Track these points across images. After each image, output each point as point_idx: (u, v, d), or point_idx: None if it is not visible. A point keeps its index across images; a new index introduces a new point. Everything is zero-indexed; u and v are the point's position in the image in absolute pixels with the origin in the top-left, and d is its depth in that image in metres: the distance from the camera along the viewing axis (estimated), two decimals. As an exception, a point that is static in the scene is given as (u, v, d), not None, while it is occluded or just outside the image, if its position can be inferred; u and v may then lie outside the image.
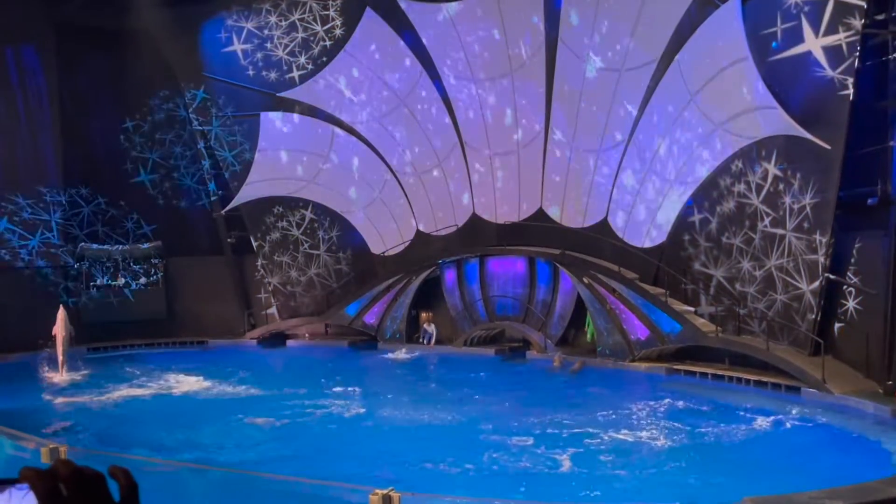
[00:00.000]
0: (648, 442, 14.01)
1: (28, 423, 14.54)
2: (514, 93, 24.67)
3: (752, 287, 18.82)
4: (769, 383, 17.36)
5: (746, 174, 18.65)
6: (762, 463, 12.76)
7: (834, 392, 15.76)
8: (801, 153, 16.95)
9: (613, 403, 17.14)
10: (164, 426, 15.80)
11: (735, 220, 19.20)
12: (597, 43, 22.19)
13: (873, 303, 16.11)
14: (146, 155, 28.15)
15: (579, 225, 23.77)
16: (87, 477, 1.14)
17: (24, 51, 26.00)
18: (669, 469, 12.45)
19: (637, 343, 20.56)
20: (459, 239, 26.50)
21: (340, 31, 26.36)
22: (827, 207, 16.61)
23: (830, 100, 16.14)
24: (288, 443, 14.68)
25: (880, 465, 12.14)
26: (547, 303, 24.08)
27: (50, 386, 20.64)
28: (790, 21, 16.81)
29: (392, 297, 25.74)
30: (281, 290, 27.88)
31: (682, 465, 12.64)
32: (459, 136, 26.15)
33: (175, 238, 27.97)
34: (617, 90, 22.06)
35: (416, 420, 16.11)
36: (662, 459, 12.98)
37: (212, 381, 20.63)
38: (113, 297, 27.13)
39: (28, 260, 26.14)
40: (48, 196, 26.49)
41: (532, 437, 14.21)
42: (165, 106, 27.98)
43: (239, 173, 27.39)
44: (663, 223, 21.43)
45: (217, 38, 26.73)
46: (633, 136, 21.93)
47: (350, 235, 28.14)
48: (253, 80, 26.88)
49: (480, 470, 12.56)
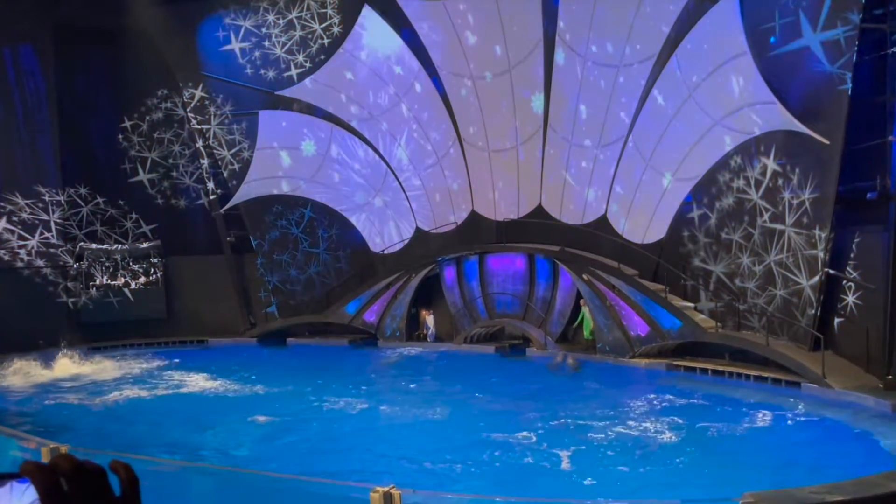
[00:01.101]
0: (649, 438, 14.02)
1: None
2: (512, 89, 24.65)
3: (752, 282, 18.82)
4: (769, 378, 17.37)
5: (745, 169, 18.65)
6: (762, 458, 12.77)
7: (834, 387, 15.77)
8: (800, 148, 16.95)
9: (614, 399, 17.15)
10: (171, 424, 15.81)
11: (734, 216, 19.20)
12: (595, 39, 22.17)
13: (873, 298, 16.12)
14: (145, 154, 28.14)
15: (578, 221, 23.77)
16: (88, 471, 1.14)
17: (21, 50, 25.97)
18: (670, 465, 12.46)
19: (637, 339, 20.57)
20: (459, 236, 26.51)
21: (338, 29, 26.35)
22: (826, 202, 16.61)
23: (829, 95, 16.13)
24: (288, 440, 14.68)
25: (881, 459, 12.15)
26: (547, 300, 24.08)
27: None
28: (788, 16, 16.81)
29: (392, 295, 25.73)
30: (280, 289, 27.87)
31: (682, 460, 12.65)
32: (458, 133, 26.14)
33: (174, 237, 27.97)
34: (615, 86, 22.05)
35: (417, 417, 16.12)
36: (663, 455, 12.99)
37: (219, 379, 20.66)
38: (112, 296, 27.12)
39: (27, 260, 26.13)
40: (47, 196, 26.48)
41: (533, 433, 14.23)
42: (164, 105, 27.96)
43: (238, 172, 27.37)
44: (662, 219, 21.42)
45: (215, 36, 26.70)
46: (632, 131, 21.92)
47: (349, 234, 28.15)
48: (251, 78, 26.86)
49: (482, 467, 12.58)
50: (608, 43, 21.91)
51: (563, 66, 23.26)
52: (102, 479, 1.15)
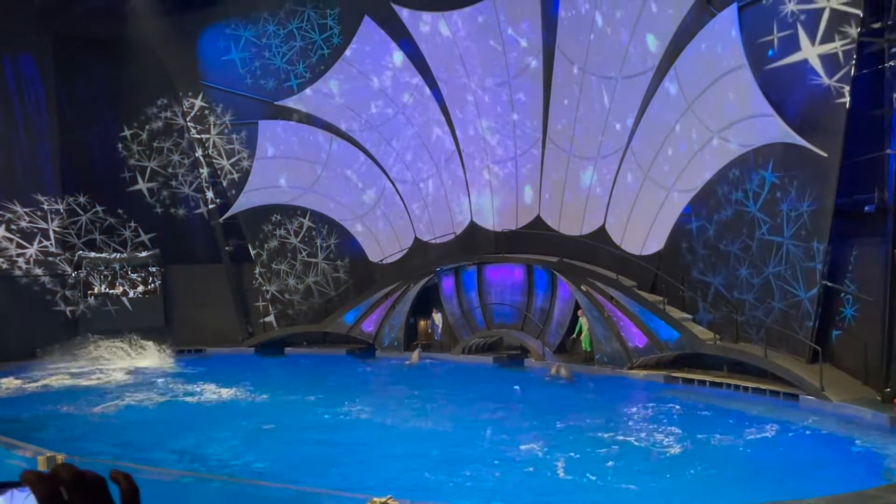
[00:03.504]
0: (646, 449, 13.98)
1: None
2: (511, 100, 24.71)
3: (750, 294, 18.82)
4: (767, 391, 17.34)
5: (744, 182, 18.67)
6: (760, 470, 12.74)
7: (832, 399, 15.74)
8: (798, 161, 16.97)
9: (612, 411, 17.12)
10: (168, 433, 15.76)
11: (733, 228, 19.21)
12: (594, 50, 22.24)
13: (871, 310, 16.11)
14: (144, 163, 28.16)
15: (577, 232, 23.78)
16: (89, 481, 1.14)
17: (22, 59, 26.04)
18: (667, 476, 12.42)
19: (635, 350, 20.54)
20: (457, 246, 26.51)
21: (338, 40, 26.43)
22: (824, 215, 16.62)
23: (827, 108, 16.17)
24: (285, 450, 14.63)
25: (879, 472, 12.13)
26: (545, 310, 24.06)
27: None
28: (786, 29, 16.86)
29: (390, 305, 25.70)
30: (279, 298, 27.84)
31: (680, 472, 12.61)
32: (457, 144, 26.18)
33: (173, 246, 27.95)
34: (614, 98, 22.10)
35: (415, 427, 16.07)
36: (661, 466, 12.95)
37: (221, 388, 20.65)
38: (111, 305, 27.08)
39: (26, 268, 26.10)
40: (46, 204, 26.48)
41: (531, 444, 14.19)
42: (163, 114, 28.00)
43: (237, 181, 27.39)
44: (661, 231, 21.43)
45: (215, 46, 26.78)
46: (631, 143, 21.96)
47: (348, 243, 28.15)
48: (251, 88, 26.92)
49: (481, 477, 12.53)
50: (607, 55, 21.96)
51: (562, 77, 23.32)
52: (103, 488, 1.15)
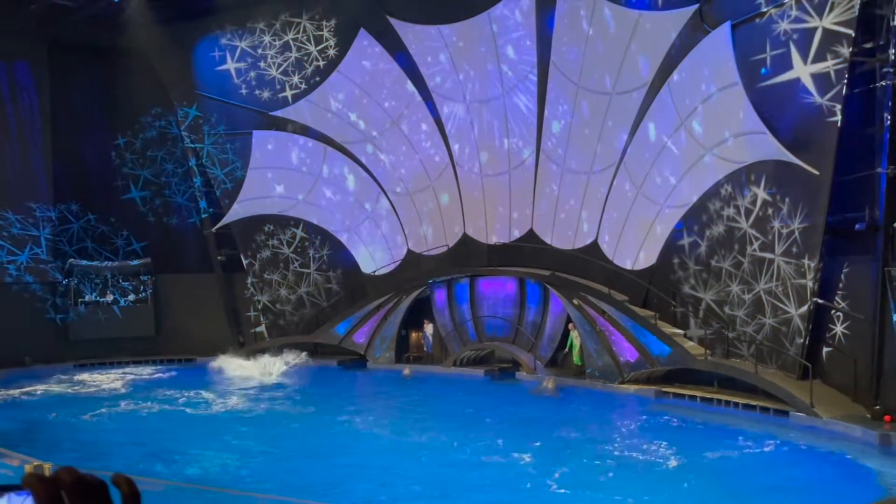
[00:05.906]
0: (636, 464, 13.97)
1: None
2: (505, 114, 24.78)
3: (741, 310, 18.88)
4: (758, 407, 17.36)
5: (736, 198, 18.77)
6: (750, 487, 12.74)
7: (822, 416, 15.78)
8: (790, 178, 17.08)
9: (602, 425, 17.11)
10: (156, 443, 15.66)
11: (724, 244, 19.29)
12: (588, 66, 22.35)
13: (861, 327, 16.19)
14: (137, 172, 28.12)
15: (569, 247, 23.81)
16: (90, 485, 1.13)
17: (16, 67, 26.01)
18: (657, 492, 12.40)
19: (626, 365, 20.55)
20: (450, 259, 26.50)
21: (334, 52, 26.49)
22: (815, 232, 16.72)
23: (819, 126, 16.30)
24: (277, 461, 14.56)
25: (868, 489, 12.15)
26: (537, 324, 24.06)
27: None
28: (779, 48, 17.01)
29: (382, 317, 25.66)
30: (270, 309, 27.77)
31: (670, 488, 12.59)
32: (451, 157, 26.23)
33: (165, 255, 27.88)
34: (608, 114, 22.20)
35: (406, 440, 16.03)
36: (651, 482, 12.93)
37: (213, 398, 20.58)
38: (101, 313, 26.95)
39: (16, 276, 25.97)
40: (38, 212, 26.39)
41: (522, 457, 14.16)
42: (157, 123, 28.00)
43: (230, 191, 27.36)
44: (653, 246, 21.49)
45: (211, 56, 26.81)
46: (624, 159, 22.05)
47: (341, 254, 28.11)
48: (246, 98, 26.95)
49: (472, 490, 12.49)
50: (601, 71, 22.08)
51: (555, 92, 23.42)
52: (104, 493, 1.15)
